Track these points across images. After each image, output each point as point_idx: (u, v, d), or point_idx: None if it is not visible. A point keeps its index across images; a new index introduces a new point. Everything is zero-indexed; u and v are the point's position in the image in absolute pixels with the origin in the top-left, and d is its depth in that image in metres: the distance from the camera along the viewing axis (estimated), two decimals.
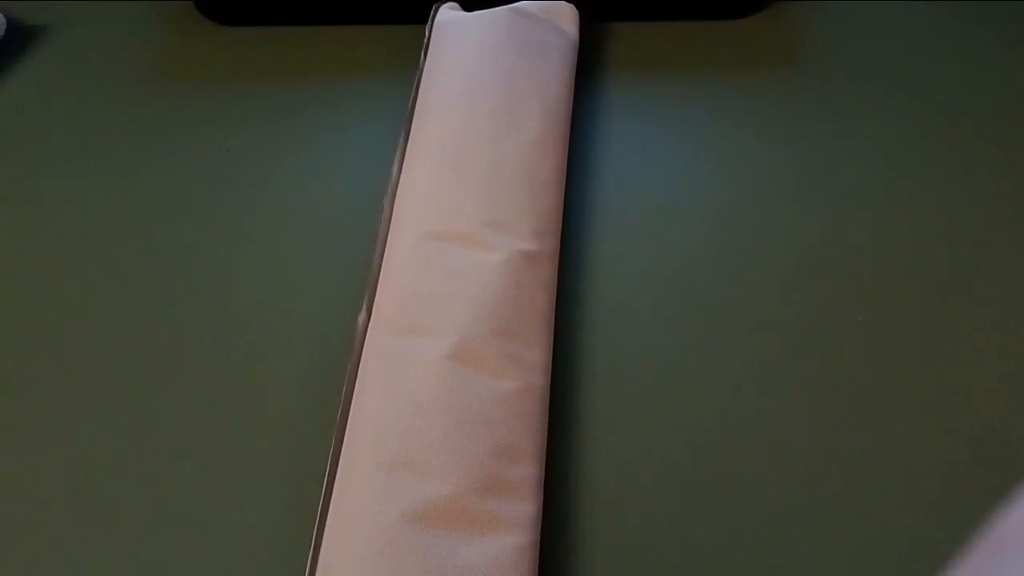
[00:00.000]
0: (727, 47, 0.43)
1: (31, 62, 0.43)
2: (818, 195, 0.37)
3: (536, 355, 0.29)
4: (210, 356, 0.32)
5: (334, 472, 0.27)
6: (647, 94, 0.41)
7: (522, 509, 0.26)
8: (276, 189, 0.38)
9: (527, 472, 0.27)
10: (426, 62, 0.38)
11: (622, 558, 0.27)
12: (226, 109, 0.41)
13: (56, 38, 0.44)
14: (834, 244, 0.35)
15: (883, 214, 0.36)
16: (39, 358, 0.32)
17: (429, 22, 0.40)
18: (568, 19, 0.40)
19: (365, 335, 0.30)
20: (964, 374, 0.31)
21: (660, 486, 0.29)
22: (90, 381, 0.31)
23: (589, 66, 0.42)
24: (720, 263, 0.35)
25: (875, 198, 0.37)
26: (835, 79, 0.41)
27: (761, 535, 0.28)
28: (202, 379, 0.31)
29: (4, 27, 0.43)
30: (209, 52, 0.43)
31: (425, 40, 0.39)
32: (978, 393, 0.31)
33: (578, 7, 0.41)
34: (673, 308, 0.33)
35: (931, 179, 0.37)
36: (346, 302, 0.33)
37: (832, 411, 0.30)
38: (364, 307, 0.31)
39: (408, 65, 0.42)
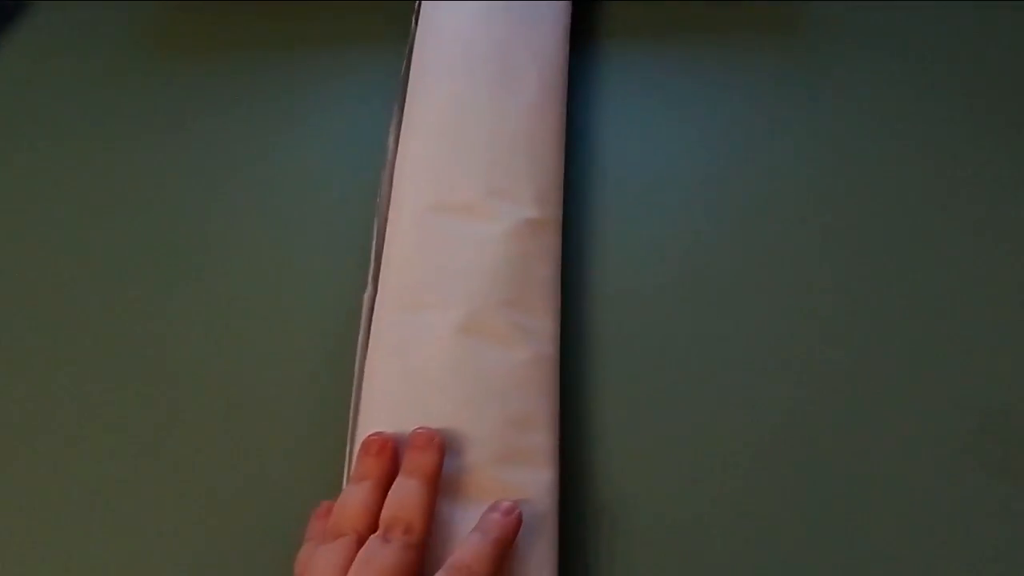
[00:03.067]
0: (727, 15, 0.41)
1: (22, 37, 0.43)
2: (821, 164, 0.36)
3: (544, 324, 0.29)
4: (211, 338, 0.32)
5: (352, 450, 0.27)
6: (644, 63, 0.40)
7: (539, 477, 0.26)
8: (271, 164, 0.37)
9: (542, 440, 0.27)
10: (417, 28, 0.37)
11: (636, 522, 0.28)
12: (218, 82, 0.40)
13: (48, 12, 0.44)
14: (836, 215, 0.34)
15: (889, 184, 0.35)
16: (42, 328, 0.32)
17: None
18: None
19: (372, 311, 0.30)
20: (974, 349, 0.31)
21: (671, 453, 0.29)
22: (94, 360, 0.31)
23: (584, 34, 0.41)
24: (721, 233, 0.34)
25: (880, 167, 0.36)
26: (838, 48, 0.40)
27: (768, 500, 0.28)
28: (204, 363, 0.31)
29: None
30: (200, 25, 0.42)
31: (416, 5, 0.38)
32: (985, 369, 0.30)
33: None
34: (675, 276, 0.33)
35: (941, 147, 0.36)
36: (349, 278, 0.33)
37: (837, 385, 0.30)
38: (369, 283, 0.30)
39: (399, 32, 0.41)
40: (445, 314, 0.28)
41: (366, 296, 0.30)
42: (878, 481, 0.28)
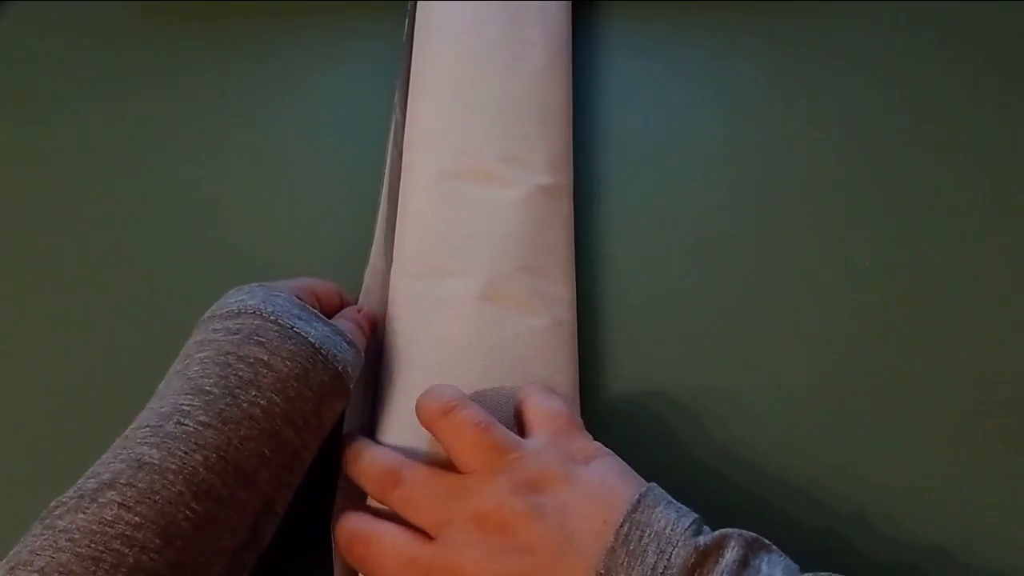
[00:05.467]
0: None
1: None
2: (828, 121, 0.36)
3: (562, 290, 0.29)
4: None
5: (379, 414, 0.27)
6: (647, 25, 0.39)
7: None
8: (274, 132, 0.36)
9: None
10: None
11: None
12: (219, 48, 0.39)
13: None
14: (845, 172, 0.35)
15: (898, 144, 0.35)
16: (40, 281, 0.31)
17: None
18: None
19: (388, 279, 0.29)
20: (977, 318, 0.31)
21: (684, 412, 0.29)
22: (96, 319, 0.31)
23: None
24: (729, 194, 0.34)
25: (889, 126, 0.36)
26: (845, 8, 0.40)
27: (776, 460, 0.28)
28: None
29: None
30: None
31: None
32: (987, 338, 0.31)
33: None
34: (684, 238, 0.33)
35: (950, 109, 0.36)
36: (360, 246, 0.32)
37: (837, 348, 0.31)
38: (383, 251, 0.30)
39: None
40: (465, 282, 0.28)
41: (370, 267, 0.30)
42: (880, 450, 0.28)
